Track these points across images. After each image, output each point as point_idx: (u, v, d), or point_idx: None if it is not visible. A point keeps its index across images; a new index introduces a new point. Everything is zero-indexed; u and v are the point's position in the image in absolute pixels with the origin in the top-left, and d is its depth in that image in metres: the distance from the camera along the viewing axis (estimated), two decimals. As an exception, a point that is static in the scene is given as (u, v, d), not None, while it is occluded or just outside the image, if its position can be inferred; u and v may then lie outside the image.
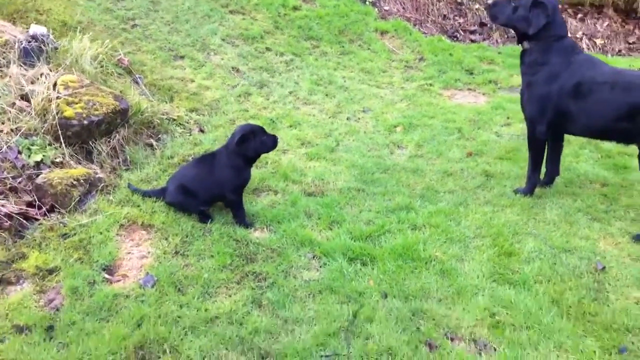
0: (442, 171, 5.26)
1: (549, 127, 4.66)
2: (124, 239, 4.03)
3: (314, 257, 4.04)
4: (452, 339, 3.40)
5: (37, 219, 4.10)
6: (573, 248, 4.20)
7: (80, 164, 4.69)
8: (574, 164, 5.36)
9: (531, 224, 4.48)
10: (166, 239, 4.05)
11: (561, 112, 4.57)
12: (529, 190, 4.86)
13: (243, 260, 3.93)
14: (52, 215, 4.14)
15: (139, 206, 4.30)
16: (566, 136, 5.01)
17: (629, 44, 9.15)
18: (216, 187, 4.28)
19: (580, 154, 5.54)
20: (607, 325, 3.49)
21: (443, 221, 4.40)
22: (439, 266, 3.93)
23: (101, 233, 3.97)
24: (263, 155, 4.60)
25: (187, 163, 4.64)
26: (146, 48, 6.33)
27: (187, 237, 4.08)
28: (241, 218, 4.29)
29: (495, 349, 3.34)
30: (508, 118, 6.38)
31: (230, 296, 3.63)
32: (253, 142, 4.18)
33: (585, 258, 4.10)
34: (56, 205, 4.21)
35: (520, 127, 6.14)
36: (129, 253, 3.92)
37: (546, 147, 4.85)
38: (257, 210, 4.46)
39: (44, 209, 4.17)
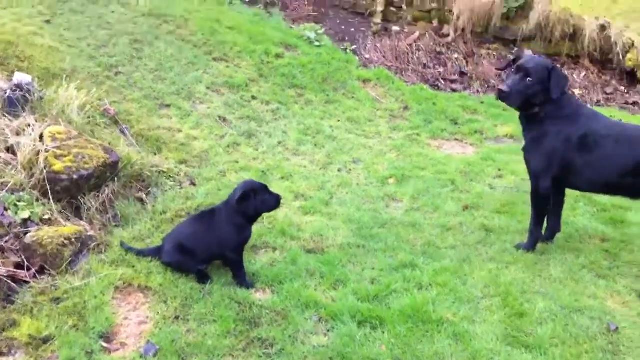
0: (440, 225, 5.16)
1: (554, 182, 4.62)
2: (120, 303, 3.81)
3: (320, 319, 3.87)
4: (473, 410, 3.25)
5: (26, 282, 3.86)
6: (583, 307, 4.11)
7: (68, 220, 4.46)
8: (572, 218, 5.32)
9: (538, 282, 4.40)
10: (165, 302, 3.84)
11: (566, 167, 4.52)
12: (531, 246, 4.79)
13: (247, 324, 3.74)
14: (42, 277, 3.90)
15: (134, 267, 4.09)
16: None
17: (607, 94, 9.30)
18: (216, 245, 4.10)
19: (576, 208, 5.51)
20: (628, 392, 3.39)
21: (449, 280, 4.28)
22: (451, 329, 3.79)
23: (96, 297, 3.75)
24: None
25: (184, 220, 4.45)
26: (131, 97, 6.17)
27: (186, 300, 3.88)
28: (242, 278, 4.11)
29: (519, 420, 3.20)
30: (499, 170, 6.35)
31: (237, 365, 3.44)
32: (254, 200, 4.03)
33: (597, 318, 4.02)
34: (46, 266, 3.98)
35: (512, 180, 6.12)
36: (126, 319, 3.70)
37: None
38: (256, 270, 4.29)
39: (33, 270, 3.93)
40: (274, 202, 4.14)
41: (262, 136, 6.48)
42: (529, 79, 4.53)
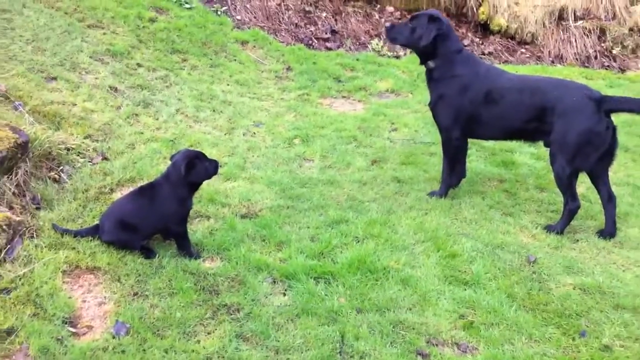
0: (356, 181, 5.42)
1: (462, 133, 5.01)
2: (72, 286, 3.69)
3: (274, 281, 3.99)
4: (436, 345, 3.56)
5: (-39, 276, 3.61)
6: (502, 244, 4.57)
7: (-15, 207, 4.18)
8: (469, 164, 5.77)
9: (457, 225, 4.80)
10: (118, 280, 3.77)
11: (474, 119, 4.93)
12: (443, 192, 5.19)
13: (207, 293, 3.78)
14: (-22, 269, 3.66)
15: (74, 248, 3.94)
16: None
17: (464, 46, 9.96)
18: (159, 219, 4.06)
19: (470, 154, 5.98)
20: (560, 313, 3.86)
21: (382, 230, 4.55)
22: (397, 275, 4.08)
23: (46, 283, 3.59)
24: None
25: (122, 196, 4.33)
26: (15, 71, 5.74)
27: (140, 275, 3.82)
28: (188, 249, 4.11)
29: (476, 349, 3.55)
30: (392, 124, 6.71)
31: (210, 333, 3.49)
32: (200, 167, 4.02)
33: (515, 252, 4.49)
34: (-21, 257, 3.73)
35: (407, 132, 6.51)
36: (84, 301, 3.60)
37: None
38: (198, 239, 4.30)
39: (-34, 263, 3.68)
40: (214, 168, 4.15)
41: (158, 105, 6.33)
42: (411, 22, 5.03)
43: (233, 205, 4.79)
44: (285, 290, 3.92)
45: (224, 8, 9.36)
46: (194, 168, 3.99)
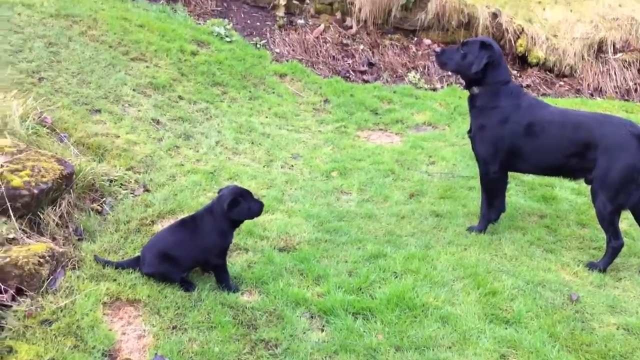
0: (394, 214, 5.41)
1: (502, 166, 4.97)
2: (112, 319, 3.73)
3: (312, 316, 3.98)
4: (477, 385, 3.50)
5: (5, 305, 3.67)
6: (543, 281, 4.49)
7: (30, 238, 4.26)
8: (508, 199, 5.72)
9: (497, 261, 4.74)
10: (158, 313, 3.80)
11: (513, 152, 4.88)
12: (482, 228, 5.14)
13: (246, 327, 3.79)
14: (22, 299, 3.72)
15: (115, 280, 4.00)
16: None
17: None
18: (200, 252, 4.09)
19: (509, 188, 5.92)
20: (603, 354, 3.78)
21: (420, 266, 4.52)
22: (436, 312, 4.03)
23: (87, 315, 3.64)
24: None
25: (163, 229, 4.38)
26: (61, 103, 5.90)
27: (179, 309, 3.85)
28: (227, 282, 4.13)
29: (519, 390, 3.48)
30: (430, 157, 6.70)
31: (248, 369, 3.49)
32: (243, 206, 4.06)
33: (557, 290, 4.41)
34: (23, 288, 3.79)
35: (445, 166, 6.48)
36: (124, 334, 3.63)
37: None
38: (237, 272, 4.32)
39: (10, 292, 3.74)
40: (258, 208, 4.18)
41: (199, 137, 6.43)
42: (462, 48, 4.99)
43: (271, 238, 4.81)
44: (323, 325, 3.90)
45: (263, 41, 9.51)
46: (237, 206, 4.03)
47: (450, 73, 9.42)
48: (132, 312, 3.81)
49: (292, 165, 6.31)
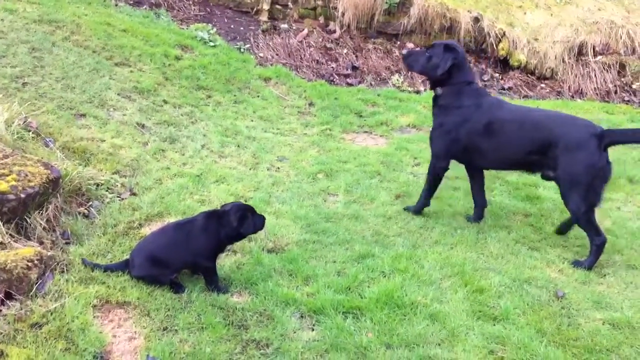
0: (381, 215, 5.44)
1: (465, 163, 5.31)
2: (102, 321, 3.72)
3: (301, 316, 4.00)
4: (468, 382, 3.54)
5: (-6, 310, 3.65)
6: (529, 278, 4.55)
7: (17, 242, 4.24)
8: (492, 198, 5.79)
9: (483, 259, 4.79)
10: (148, 315, 3.80)
11: (474, 149, 5.08)
12: (418, 209, 5.49)
13: (236, 328, 3.80)
14: (11, 303, 3.70)
15: (104, 283, 3.98)
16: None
17: (484, 81, 10.05)
18: (189, 254, 4.10)
19: (493, 188, 6.00)
20: (590, 348, 3.83)
21: (408, 265, 4.55)
22: (425, 310, 4.06)
23: (77, 317, 3.63)
24: None
25: (152, 232, 4.38)
26: (45, 108, 5.88)
27: (169, 310, 3.85)
28: (216, 284, 4.14)
29: (508, 385, 3.52)
30: (415, 158, 6.75)
31: (240, 368, 3.49)
32: (250, 221, 4.12)
33: (543, 287, 4.47)
34: (12, 292, 3.77)
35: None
36: (114, 336, 3.62)
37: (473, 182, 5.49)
38: (226, 273, 4.33)
39: (-1, 297, 3.73)
40: (262, 222, 4.23)
41: (184, 140, 6.42)
42: (428, 51, 5.22)
43: (260, 239, 4.82)
44: (314, 325, 3.92)
45: (247, 46, 9.53)
46: (245, 220, 4.06)
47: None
48: (122, 314, 3.80)
49: (279, 168, 6.33)
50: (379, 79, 9.69)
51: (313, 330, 3.88)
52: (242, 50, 9.32)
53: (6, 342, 3.38)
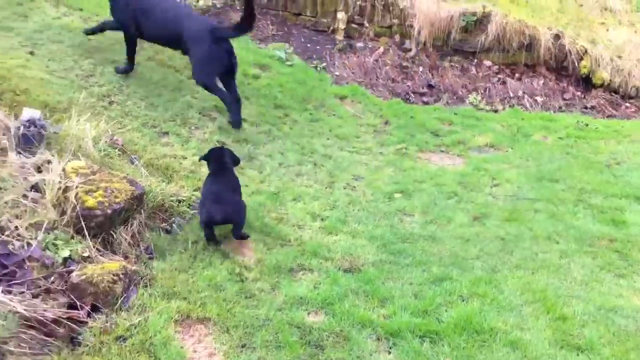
0: (458, 237, 5.37)
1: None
2: (183, 336, 3.81)
3: (378, 338, 3.98)
4: (550, 412, 3.43)
5: (82, 322, 3.79)
6: (614, 307, 4.39)
7: (103, 256, 4.40)
8: (575, 222, 5.63)
9: (566, 286, 4.65)
10: (227, 332, 3.86)
11: (138, 25, 6.81)
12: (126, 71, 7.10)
13: (313, 348, 3.82)
14: (97, 315, 3.84)
15: (185, 298, 4.09)
16: (559, 194, 5.82)
17: (565, 100, 9.79)
18: None
19: (576, 212, 5.83)
20: (682, 383, 3.65)
21: (487, 290, 4.48)
22: (505, 337, 3.98)
23: (159, 332, 3.73)
24: (284, 232, 5.08)
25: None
26: (131, 126, 6.10)
27: (247, 327, 3.91)
28: None
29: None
30: (494, 179, 6.63)
31: (317, 389, 3.50)
32: None
33: (630, 316, 4.31)
34: (98, 305, 3.92)
35: (509, 188, 6.39)
36: (195, 351, 3.71)
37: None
38: (303, 293, 4.35)
39: (85, 309, 3.87)
40: None
41: (262, 158, 6.52)
42: None
43: (336, 259, 4.83)
44: (390, 348, 3.90)
45: (323, 64, 9.62)
46: None
47: (512, 94, 9.41)
48: (202, 330, 3.88)
49: (354, 187, 6.34)
50: (455, 97, 9.58)
51: (390, 353, 3.85)
52: (318, 69, 9.41)
53: (92, 354, 3.51)
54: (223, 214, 4.74)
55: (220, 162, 5.25)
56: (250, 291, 4.29)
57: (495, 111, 9.17)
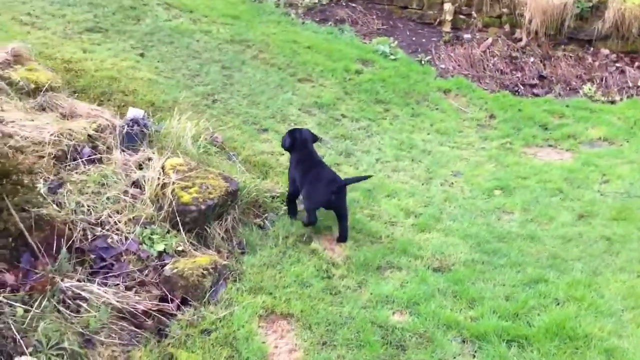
0: (559, 237, 5.13)
1: None
2: (266, 331, 3.88)
3: (463, 340, 3.87)
4: None
5: (171, 314, 3.95)
6: None
7: (197, 250, 4.56)
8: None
9: (674, 292, 4.32)
10: (309, 328, 3.89)
11: None
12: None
13: (394, 348, 3.77)
14: (186, 308, 3.99)
15: (271, 294, 4.16)
16: None
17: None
18: None
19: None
20: None
21: (585, 293, 4.24)
22: (601, 345, 3.75)
23: (243, 326, 3.82)
24: (375, 229, 5.01)
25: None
26: (232, 123, 6.29)
27: (329, 325, 3.92)
28: None
29: None
30: (604, 175, 6.27)
31: (395, 390, 3.46)
32: None
33: None
34: (188, 298, 4.07)
35: (621, 185, 6.02)
36: (276, 347, 3.76)
37: None
38: (389, 291, 4.31)
39: (176, 302, 4.03)
40: None
41: (359, 154, 6.52)
42: None
43: (426, 257, 4.75)
44: (475, 351, 3.78)
45: (428, 57, 9.47)
46: None
47: (630, 84, 8.83)
48: (285, 326, 3.94)
49: (452, 183, 6.20)
50: (568, 88, 9.12)
51: (474, 357, 3.74)
52: (422, 62, 9.27)
53: (177, 346, 3.64)
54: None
55: (306, 145, 5.22)
56: (335, 288, 4.30)
57: (612, 102, 8.65)
